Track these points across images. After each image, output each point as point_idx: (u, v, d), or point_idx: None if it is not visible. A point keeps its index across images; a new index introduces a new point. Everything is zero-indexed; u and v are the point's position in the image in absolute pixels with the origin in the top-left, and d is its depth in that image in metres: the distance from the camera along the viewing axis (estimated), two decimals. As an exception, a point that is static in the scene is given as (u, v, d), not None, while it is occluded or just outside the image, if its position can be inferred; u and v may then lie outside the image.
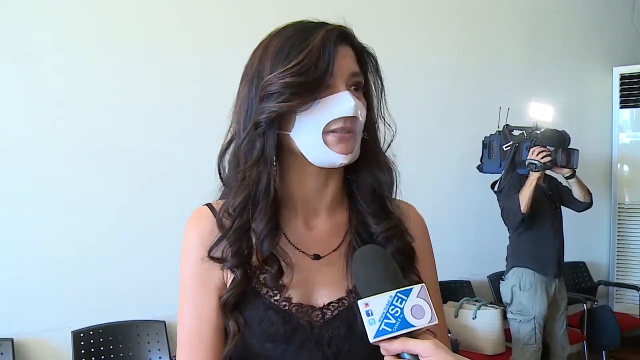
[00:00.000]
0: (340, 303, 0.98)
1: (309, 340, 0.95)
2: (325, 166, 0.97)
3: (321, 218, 1.04)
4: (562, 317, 3.68)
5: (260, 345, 0.95)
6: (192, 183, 3.10)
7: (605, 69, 5.02)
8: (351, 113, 0.93)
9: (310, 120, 0.93)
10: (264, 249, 0.95)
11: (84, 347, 2.91)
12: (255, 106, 0.94)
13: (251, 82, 0.96)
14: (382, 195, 1.02)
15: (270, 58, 0.94)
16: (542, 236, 3.51)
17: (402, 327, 0.78)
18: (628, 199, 5.00)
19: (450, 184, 4.17)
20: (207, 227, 0.98)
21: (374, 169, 1.02)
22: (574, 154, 3.49)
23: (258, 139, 0.94)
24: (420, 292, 0.80)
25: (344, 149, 0.94)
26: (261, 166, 0.95)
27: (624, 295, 4.90)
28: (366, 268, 0.84)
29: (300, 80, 0.90)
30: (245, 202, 0.95)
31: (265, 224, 0.95)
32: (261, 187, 0.95)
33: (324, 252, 1.01)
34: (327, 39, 0.93)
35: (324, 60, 0.92)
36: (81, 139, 3.00)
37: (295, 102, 0.91)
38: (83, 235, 3.00)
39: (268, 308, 0.95)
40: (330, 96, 0.93)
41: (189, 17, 3.29)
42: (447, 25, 4.24)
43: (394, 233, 1.00)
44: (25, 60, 2.89)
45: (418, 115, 3.79)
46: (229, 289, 0.95)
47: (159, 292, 3.04)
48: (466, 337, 3.64)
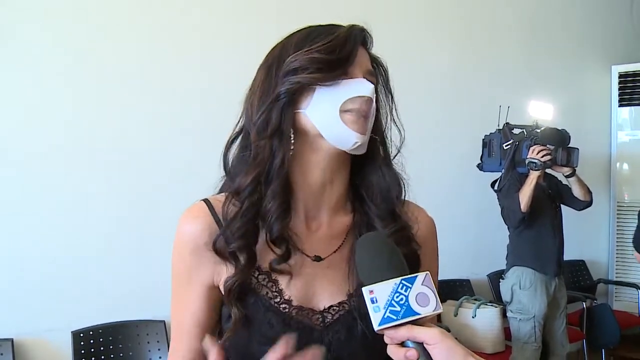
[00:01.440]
0: (341, 307, 0.97)
1: (309, 345, 0.91)
2: (339, 146, 0.96)
3: (322, 219, 1.02)
4: (562, 315, 3.68)
5: (259, 347, 0.92)
6: (193, 182, 3.10)
7: (604, 68, 5.02)
8: (369, 94, 0.94)
9: (328, 98, 0.94)
10: (274, 230, 0.94)
11: (83, 347, 2.91)
12: (274, 84, 0.95)
13: (270, 67, 0.97)
14: (391, 199, 1.02)
15: (293, 44, 0.96)
16: (542, 235, 3.51)
17: (407, 315, 0.77)
18: (627, 197, 5.00)
19: (451, 182, 4.17)
20: (201, 222, 0.97)
21: (383, 172, 1.02)
22: (574, 152, 3.49)
23: (275, 112, 0.94)
24: (425, 279, 0.80)
25: (360, 128, 0.94)
26: (276, 141, 0.94)
27: (624, 293, 4.90)
28: (370, 255, 0.83)
29: (327, 58, 0.92)
30: (257, 180, 0.94)
31: (279, 203, 0.94)
32: (275, 164, 0.94)
33: (324, 254, 1.00)
34: (353, 31, 0.96)
35: (350, 45, 0.95)
36: (81, 140, 3.00)
37: (319, 75, 0.92)
38: (83, 236, 3.00)
39: (268, 310, 0.94)
40: (350, 79, 0.95)
41: (192, 18, 3.28)
42: (446, 25, 4.24)
43: (400, 237, 0.98)
44: (25, 60, 2.89)
45: (418, 114, 3.78)
46: (234, 275, 0.94)
47: (159, 292, 3.02)
48: (466, 335, 3.64)
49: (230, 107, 1.06)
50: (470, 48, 4.31)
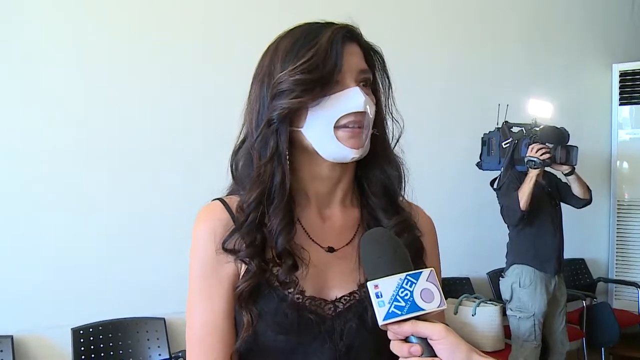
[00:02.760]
0: (351, 297, 0.99)
1: (321, 333, 0.95)
2: (337, 161, 0.98)
3: (335, 210, 1.05)
4: (562, 313, 3.68)
5: (273, 337, 0.95)
6: (192, 182, 3.11)
7: (605, 66, 5.01)
8: (361, 108, 0.95)
9: (321, 116, 0.95)
10: (279, 244, 0.95)
11: (83, 345, 2.92)
12: (267, 104, 0.96)
13: (262, 82, 0.99)
14: (393, 190, 1.05)
15: (280, 58, 0.96)
16: (541, 233, 3.51)
17: (411, 310, 0.78)
18: (627, 196, 4.99)
19: (450, 180, 4.17)
20: (219, 220, 0.98)
21: (383, 165, 1.04)
22: (573, 150, 3.49)
23: (271, 136, 0.96)
24: (429, 276, 0.80)
25: (355, 144, 0.96)
26: (275, 162, 0.97)
27: (623, 292, 4.90)
28: (376, 250, 0.83)
29: (310, 77, 0.93)
30: (260, 197, 0.96)
31: (280, 220, 0.96)
32: (276, 183, 0.96)
33: (337, 245, 1.02)
34: (334, 37, 0.95)
35: (332, 57, 0.94)
36: (79, 138, 3.00)
37: (306, 98, 0.93)
38: (82, 233, 3.00)
39: (282, 300, 0.95)
40: (340, 92, 0.95)
41: (191, 16, 3.28)
42: (446, 23, 4.24)
43: (404, 227, 1.01)
44: (24, 58, 2.89)
45: (417, 112, 3.77)
46: (245, 280, 0.95)
47: (159, 290, 3.05)
48: (465, 334, 3.64)
49: (235, 108, 1.06)
50: (470, 46, 4.30)
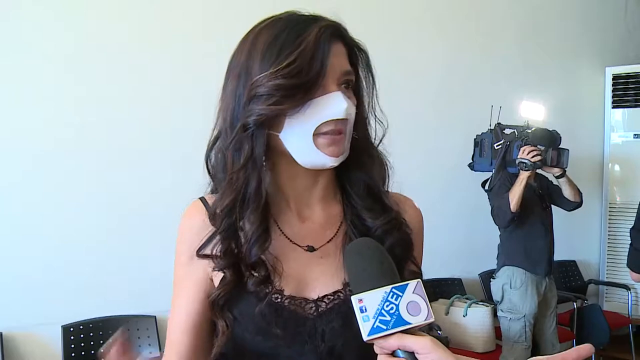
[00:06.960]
0: (335, 296, 0.96)
1: (301, 334, 0.93)
2: (316, 168, 0.95)
3: (315, 210, 1.02)
4: (552, 315, 3.70)
5: (252, 339, 0.93)
6: (184, 178, 3.10)
7: (598, 69, 5.03)
8: (342, 115, 0.90)
9: (300, 123, 0.90)
10: (252, 254, 0.93)
11: (73, 342, 2.91)
12: (242, 105, 0.91)
13: (238, 78, 0.93)
14: (377, 190, 1.00)
15: (259, 53, 0.90)
16: (532, 235, 3.52)
17: (397, 325, 0.75)
18: (619, 199, 5.02)
19: (442, 181, 4.17)
20: (199, 221, 0.98)
21: (365, 165, 1.00)
22: (564, 153, 3.51)
23: (246, 141, 0.91)
24: (416, 288, 0.77)
25: (335, 152, 0.92)
26: (250, 169, 0.92)
27: (614, 294, 4.93)
28: (360, 262, 0.80)
29: (293, 83, 0.87)
30: (232, 204, 0.93)
31: (255, 227, 0.93)
32: (250, 190, 0.93)
33: (318, 244, 0.99)
34: (321, 37, 0.89)
35: (318, 61, 0.88)
36: (67, 138, 2.99)
37: (286, 105, 0.88)
38: (73, 230, 2.99)
39: (260, 301, 0.93)
40: (321, 97, 0.90)
41: (185, 14, 3.28)
42: (439, 23, 4.24)
43: (392, 226, 0.98)
44: (16, 57, 2.88)
45: (410, 113, 3.78)
46: (219, 288, 0.94)
47: (150, 287, 3.03)
48: (457, 334, 3.65)
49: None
50: (463, 47, 4.31)
